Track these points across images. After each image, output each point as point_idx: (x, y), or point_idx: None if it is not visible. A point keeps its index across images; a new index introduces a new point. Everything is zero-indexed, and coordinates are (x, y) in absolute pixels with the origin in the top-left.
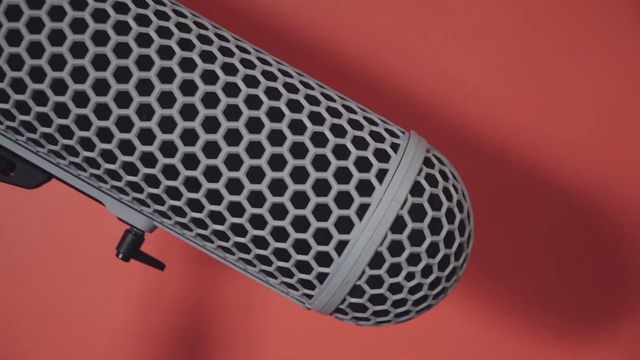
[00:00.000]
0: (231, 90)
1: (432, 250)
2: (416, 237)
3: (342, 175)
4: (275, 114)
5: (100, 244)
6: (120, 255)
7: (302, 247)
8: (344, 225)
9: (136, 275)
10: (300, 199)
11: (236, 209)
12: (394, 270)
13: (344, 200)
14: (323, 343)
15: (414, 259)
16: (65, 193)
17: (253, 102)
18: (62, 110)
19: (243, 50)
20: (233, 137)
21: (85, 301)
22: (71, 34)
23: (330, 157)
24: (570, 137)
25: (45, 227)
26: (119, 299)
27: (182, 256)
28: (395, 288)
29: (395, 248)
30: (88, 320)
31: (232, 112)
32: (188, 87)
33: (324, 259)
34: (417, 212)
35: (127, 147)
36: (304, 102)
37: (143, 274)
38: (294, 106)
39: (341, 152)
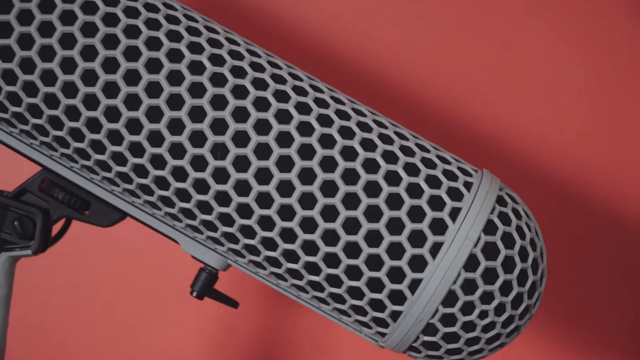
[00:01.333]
0: (308, 131)
1: (506, 288)
2: (489, 276)
3: (416, 214)
4: (349, 153)
5: (173, 282)
6: (195, 294)
7: (375, 285)
8: (418, 263)
9: (209, 313)
10: (374, 238)
11: (310, 248)
12: (467, 308)
13: (417, 238)
14: None
15: (487, 298)
16: (140, 231)
17: (326, 140)
18: (137, 149)
19: (317, 89)
20: (307, 176)
21: (158, 339)
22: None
23: (404, 195)
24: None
25: (119, 264)
26: (192, 337)
27: (256, 294)
28: (469, 326)
29: (469, 286)
30: (160, 358)
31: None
32: (262, 127)
33: (398, 297)
34: (490, 251)
35: (201, 186)
36: (377, 142)
37: (216, 312)
38: (368, 145)
39: (414, 190)
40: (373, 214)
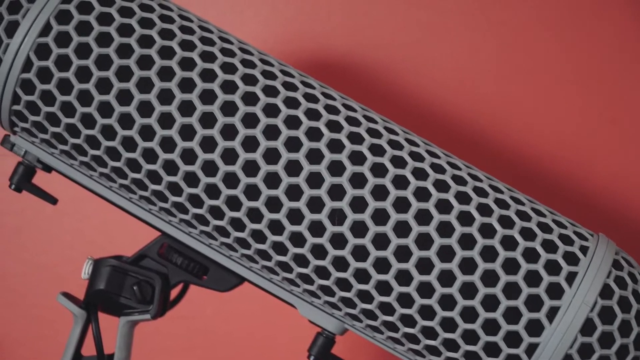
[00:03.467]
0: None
1: (622, 353)
2: (606, 340)
3: (532, 278)
4: (465, 218)
5: (290, 346)
6: (312, 358)
7: (492, 349)
8: (534, 328)
9: None
10: (491, 302)
11: (426, 312)
12: None
13: (534, 303)
14: None
15: None
16: (255, 295)
17: (443, 205)
18: (255, 215)
19: (433, 155)
20: (424, 241)
21: None
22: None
23: (520, 260)
24: None
25: (235, 328)
26: None
27: (372, 358)
28: None
29: (585, 350)
30: None
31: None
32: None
33: None
34: (606, 315)
35: (319, 251)
36: (493, 206)
37: None
38: (484, 210)
39: (531, 255)
40: (490, 278)
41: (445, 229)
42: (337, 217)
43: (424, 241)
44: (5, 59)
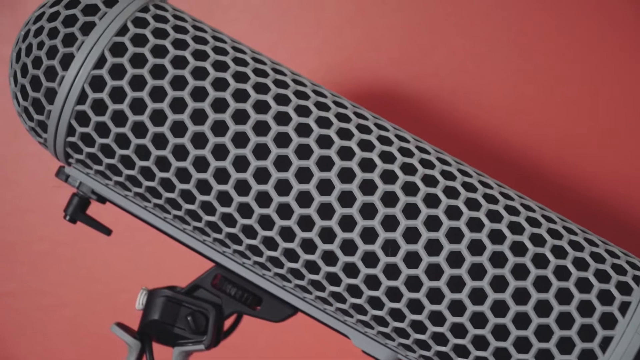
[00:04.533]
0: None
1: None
2: None
3: (585, 309)
4: (519, 249)
5: None
6: None
7: None
8: (588, 358)
9: None
10: (544, 332)
11: (479, 342)
12: None
13: (587, 333)
14: None
15: None
16: (309, 325)
17: (496, 236)
18: (309, 246)
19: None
20: (478, 272)
21: None
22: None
23: (573, 290)
24: None
25: (288, 358)
26: None
27: None
28: None
29: None
30: None
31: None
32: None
33: None
34: None
35: (372, 282)
36: (546, 236)
37: None
38: (537, 240)
39: (584, 285)
40: (543, 308)
41: (498, 260)
42: (390, 247)
43: (477, 272)
44: (60, 91)
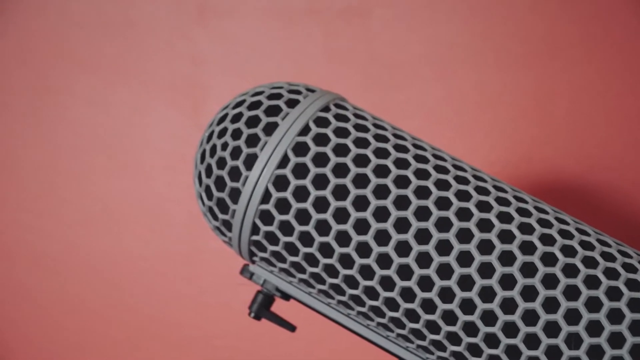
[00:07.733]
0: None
1: None
2: None
3: (616, 340)
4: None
5: None
6: None
7: None
8: None
9: None
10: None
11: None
12: None
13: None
14: None
15: None
16: None
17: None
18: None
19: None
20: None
21: None
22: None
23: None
24: None
25: None
26: None
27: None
28: None
29: None
30: None
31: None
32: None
33: None
34: None
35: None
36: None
37: None
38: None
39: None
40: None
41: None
42: (573, 342)
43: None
44: (244, 191)
